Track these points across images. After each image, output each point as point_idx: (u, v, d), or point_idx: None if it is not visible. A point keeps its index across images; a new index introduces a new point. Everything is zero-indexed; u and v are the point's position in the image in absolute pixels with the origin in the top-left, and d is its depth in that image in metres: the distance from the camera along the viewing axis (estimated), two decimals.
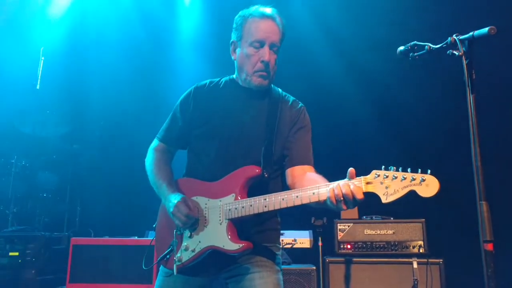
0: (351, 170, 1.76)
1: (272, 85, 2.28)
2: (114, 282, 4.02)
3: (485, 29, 1.69)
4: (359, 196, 1.70)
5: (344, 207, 1.73)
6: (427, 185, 1.61)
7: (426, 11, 4.98)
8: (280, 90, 2.31)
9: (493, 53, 3.80)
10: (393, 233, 4.04)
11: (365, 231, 4.08)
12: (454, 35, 1.77)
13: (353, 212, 4.25)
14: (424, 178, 1.62)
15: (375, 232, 4.07)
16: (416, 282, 3.78)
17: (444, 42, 1.81)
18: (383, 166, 1.70)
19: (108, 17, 5.97)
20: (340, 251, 4.07)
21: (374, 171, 1.72)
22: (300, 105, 2.28)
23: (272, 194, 1.91)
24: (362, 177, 1.73)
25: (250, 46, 2.13)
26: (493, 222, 1.60)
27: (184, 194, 2.11)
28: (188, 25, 6.15)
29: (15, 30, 5.92)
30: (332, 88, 5.37)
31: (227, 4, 5.53)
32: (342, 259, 4.00)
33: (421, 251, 3.94)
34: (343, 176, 1.78)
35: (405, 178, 1.65)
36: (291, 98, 2.30)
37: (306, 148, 2.19)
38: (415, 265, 3.83)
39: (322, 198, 1.79)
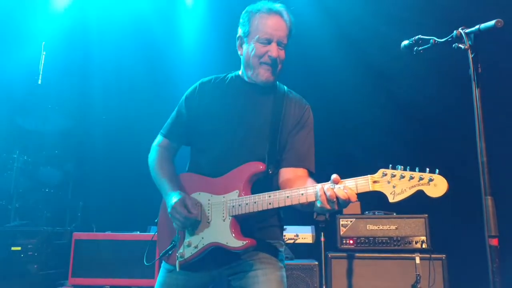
0: (335, 176, 1.74)
1: (278, 82, 2.25)
2: (116, 277, 4.02)
3: (492, 22, 1.66)
4: (353, 198, 1.69)
5: (333, 207, 1.72)
6: (435, 185, 1.59)
7: (432, 4, 4.93)
8: (285, 87, 2.27)
9: (500, 46, 3.76)
10: (396, 228, 4.02)
11: (367, 227, 4.07)
12: (460, 28, 1.74)
13: (356, 208, 4.23)
14: (432, 178, 1.60)
15: (378, 227, 4.05)
16: (418, 278, 3.77)
17: (450, 36, 1.79)
18: (390, 165, 1.67)
19: (110, 11, 5.95)
20: (342, 246, 4.06)
21: (381, 170, 1.68)
22: (305, 103, 2.24)
23: (276, 191, 1.89)
24: (369, 175, 1.70)
25: (257, 42, 2.11)
26: (498, 217, 1.59)
27: (186, 189, 2.10)
28: (190, 20, 6.13)
29: (16, 25, 5.90)
30: (337, 86, 5.34)
31: (229, 2, 5.51)
32: (345, 254, 3.99)
33: (424, 246, 3.92)
34: (349, 175, 1.74)
35: (413, 178, 1.62)
36: (297, 96, 2.27)
37: (304, 150, 2.13)
38: (417, 260, 3.83)
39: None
